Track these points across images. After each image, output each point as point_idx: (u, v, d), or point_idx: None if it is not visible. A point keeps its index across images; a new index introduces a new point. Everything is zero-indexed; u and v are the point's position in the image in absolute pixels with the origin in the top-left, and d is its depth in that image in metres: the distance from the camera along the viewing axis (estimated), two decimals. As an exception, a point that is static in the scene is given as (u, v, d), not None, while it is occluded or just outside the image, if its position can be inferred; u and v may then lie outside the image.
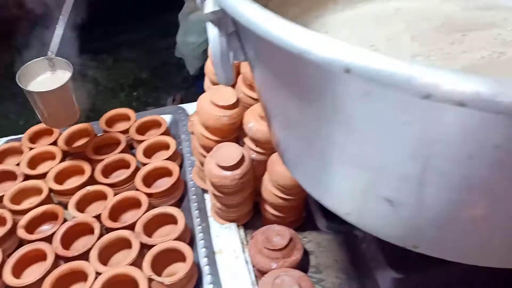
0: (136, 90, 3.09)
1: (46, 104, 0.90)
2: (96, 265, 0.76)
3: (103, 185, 0.92)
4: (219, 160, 0.78)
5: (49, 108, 0.91)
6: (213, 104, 0.79)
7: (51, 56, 0.93)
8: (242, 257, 0.83)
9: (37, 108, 0.91)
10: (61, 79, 0.92)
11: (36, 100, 0.89)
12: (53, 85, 0.90)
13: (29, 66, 0.92)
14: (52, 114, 0.92)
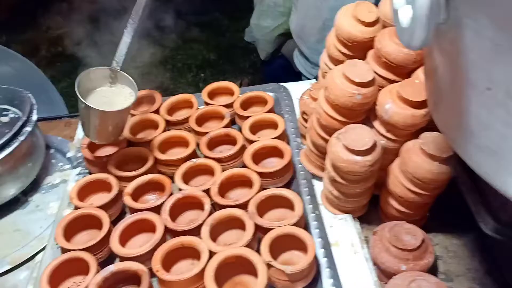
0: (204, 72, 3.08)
1: (102, 122, 0.83)
2: (209, 243, 0.71)
3: (209, 159, 0.87)
4: (350, 143, 0.69)
5: (103, 126, 0.84)
6: (347, 80, 0.71)
7: (116, 68, 0.86)
8: (361, 253, 0.75)
9: (87, 122, 0.83)
10: (120, 95, 0.85)
11: (91, 115, 0.81)
12: (113, 102, 0.83)
13: (89, 75, 0.84)
14: (102, 131, 0.85)
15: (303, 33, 1.28)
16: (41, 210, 0.90)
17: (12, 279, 0.81)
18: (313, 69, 1.28)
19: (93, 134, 0.85)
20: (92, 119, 0.82)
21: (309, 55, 1.27)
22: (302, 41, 1.29)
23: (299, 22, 1.29)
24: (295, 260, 0.73)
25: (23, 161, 0.87)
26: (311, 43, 1.24)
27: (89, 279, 0.68)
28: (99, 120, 0.82)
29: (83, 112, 0.82)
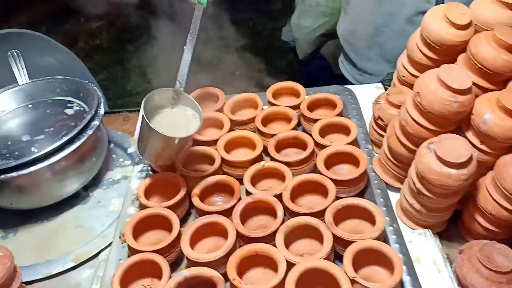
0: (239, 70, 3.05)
1: (166, 147, 0.80)
2: (285, 252, 0.68)
3: (278, 162, 0.83)
4: (444, 154, 0.65)
5: (165, 150, 0.81)
6: (443, 86, 0.66)
7: (179, 89, 0.82)
8: (446, 271, 0.70)
9: (148, 144, 0.79)
10: (183, 117, 0.81)
11: (154, 139, 0.78)
12: (177, 125, 0.79)
13: (153, 96, 0.80)
14: (162, 155, 0.82)
15: (352, 38, 1.22)
16: (103, 207, 0.89)
17: (76, 277, 0.80)
18: (360, 76, 1.22)
19: (150, 156, 0.82)
20: (155, 142, 0.79)
21: (357, 61, 1.22)
22: (351, 46, 1.23)
23: (349, 26, 1.23)
24: (375, 276, 0.69)
25: (89, 156, 0.86)
26: (361, 49, 1.19)
27: (163, 283, 0.66)
28: (163, 144, 0.79)
29: (146, 134, 0.78)
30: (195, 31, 0.84)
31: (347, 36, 1.25)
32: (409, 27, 1.03)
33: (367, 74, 1.20)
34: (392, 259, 0.65)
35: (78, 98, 0.94)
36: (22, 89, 0.95)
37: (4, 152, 0.85)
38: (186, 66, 0.83)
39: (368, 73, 1.19)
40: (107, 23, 3.22)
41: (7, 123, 0.93)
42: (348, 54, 1.25)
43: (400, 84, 0.86)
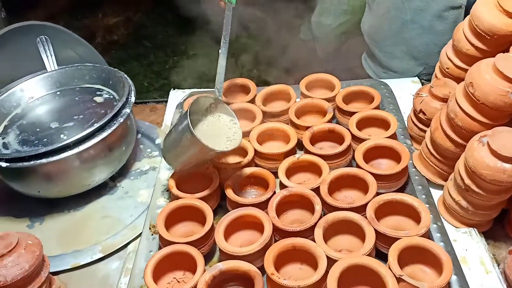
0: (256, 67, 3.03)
1: (204, 157, 0.76)
2: (325, 247, 0.65)
3: (314, 155, 0.80)
4: (499, 148, 0.61)
5: (201, 160, 0.77)
6: (499, 76, 0.62)
7: (218, 97, 0.79)
8: (494, 272, 0.66)
9: (180, 151, 0.75)
10: (222, 125, 0.78)
11: (194, 148, 0.73)
12: (218, 137, 0.76)
13: (194, 104, 0.75)
14: (195, 163, 0.78)
15: (378, 35, 1.18)
16: (131, 197, 0.87)
17: (104, 268, 0.77)
18: (384, 74, 1.18)
19: (179, 164, 0.78)
20: (194, 153, 0.74)
21: (382, 58, 1.18)
22: (375, 43, 1.19)
23: (374, 23, 1.19)
24: (420, 275, 0.65)
25: (119, 144, 0.84)
26: (386, 46, 1.15)
27: (197, 276, 0.63)
28: (202, 155, 0.76)
29: (185, 143, 0.74)
30: (228, 32, 0.81)
31: (372, 32, 1.21)
32: (438, 23, 1.00)
33: (391, 71, 1.16)
34: (440, 258, 0.61)
35: (107, 86, 0.92)
36: (51, 75, 0.94)
37: (33, 139, 0.83)
38: (222, 72, 0.81)
39: (393, 70, 1.15)
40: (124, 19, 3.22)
41: (35, 109, 0.91)
42: (372, 51, 1.22)
43: (443, 77, 0.82)
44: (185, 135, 0.73)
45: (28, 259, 0.65)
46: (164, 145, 0.79)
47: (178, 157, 0.78)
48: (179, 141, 0.75)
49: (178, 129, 0.75)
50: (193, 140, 0.72)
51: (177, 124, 0.76)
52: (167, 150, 0.79)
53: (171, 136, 0.78)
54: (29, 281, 0.65)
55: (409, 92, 0.99)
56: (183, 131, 0.73)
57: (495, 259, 0.70)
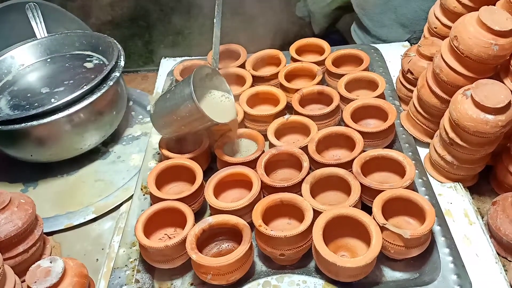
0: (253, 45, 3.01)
1: (199, 127, 0.75)
2: (312, 201, 0.66)
3: (303, 116, 0.81)
4: (482, 99, 0.62)
5: (194, 129, 0.76)
6: (483, 28, 0.62)
7: (215, 68, 0.78)
8: (477, 223, 0.68)
9: (179, 122, 0.73)
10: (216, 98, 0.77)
11: (194, 119, 0.72)
12: (213, 109, 0.73)
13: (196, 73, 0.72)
14: (187, 132, 0.76)
15: (366, 4, 1.18)
16: (123, 162, 0.88)
17: (97, 228, 0.79)
18: (374, 43, 1.19)
19: (169, 130, 0.77)
20: (189, 120, 0.72)
21: (371, 27, 1.18)
22: (364, 12, 1.19)
23: None
24: (404, 225, 0.67)
25: (109, 108, 0.84)
26: (375, 14, 1.15)
27: (187, 229, 0.65)
28: (197, 124, 0.73)
29: (183, 112, 0.71)
30: (220, 2, 0.80)
31: (360, 1, 1.20)
32: None
33: (381, 40, 1.16)
34: (423, 208, 0.62)
35: (97, 52, 0.92)
36: (41, 43, 0.94)
37: (24, 103, 0.84)
38: (217, 43, 0.79)
39: (382, 39, 1.16)
40: (119, -1, 3.19)
41: (26, 76, 0.91)
42: (361, 20, 1.21)
43: (431, 36, 0.82)
44: (185, 104, 0.71)
45: (21, 216, 0.67)
46: (156, 111, 0.77)
47: (171, 125, 0.76)
48: (176, 109, 0.73)
49: (176, 97, 0.73)
50: (194, 110, 0.70)
51: (174, 91, 0.74)
52: (159, 116, 0.77)
53: (166, 103, 0.75)
54: (22, 238, 0.67)
55: (399, 56, 0.99)
56: (183, 99, 0.71)
57: (479, 212, 0.72)
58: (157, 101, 0.78)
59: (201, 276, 0.62)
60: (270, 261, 0.68)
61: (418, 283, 0.61)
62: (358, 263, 0.57)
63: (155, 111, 0.78)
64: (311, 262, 0.66)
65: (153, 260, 0.66)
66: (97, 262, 0.73)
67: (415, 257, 0.63)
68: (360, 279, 0.60)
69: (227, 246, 0.69)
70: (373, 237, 0.60)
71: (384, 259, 0.65)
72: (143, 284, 0.66)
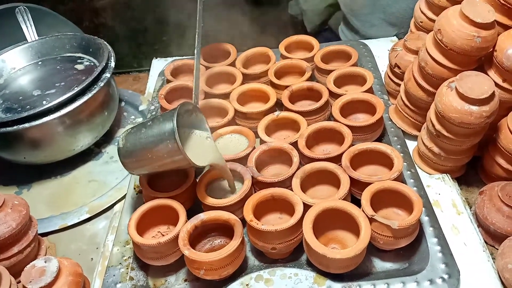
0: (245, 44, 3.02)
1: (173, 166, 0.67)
2: (302, 195, 0.67)
3: (292, 112, 0.82)
4: (466, 91, 0.63)
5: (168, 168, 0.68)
6: (466, 21, 0.64)
7: (196, 104, 0.71)
8: (465, 213, 0.69)
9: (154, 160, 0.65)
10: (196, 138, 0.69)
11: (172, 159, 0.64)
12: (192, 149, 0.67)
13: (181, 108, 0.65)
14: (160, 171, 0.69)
15: (355, 4, 1.19)
16: (116, 162, 0.88)
17: (91, 228, 0.80)
18: None
19: (141, 169, 0.69)
20: (166, 159, 0.65)
21: (359, 27, 1.19)
22: (353, 13, 1.20)
23: None
24: (392, 217, 0.68)
25: (101, 109, 0.85)
26: (363, 14, 1.16)
27: (180, 225, 0.65)
28: (173, 164, 0.66)
29: (160, 151, 0.64)
30: (200, 36, 0.75)
31: (348, 2, 1.22)
32: None
33: None
34: (411, 199, 0.63)
35: (88, 53, 0.93)
36: (31, 46, 0.94)
37: (16, 106, 0.85)
38: (198, 76, 0.73)
39: (371, 39, 1.17)
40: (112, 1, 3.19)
41: (17, 80, 0.92)
42: (350, 21, 1.23)
43: (417, 31, 0.83)
44: (164, 143, 0.63)
45: (15, 217, 0.67)
46: (126, 146, 0.67)
47: (143, 163, 0.68)
48: (153, 147, 0.65)
49: (153, 133, 0.64)
50: (174, 151, 0.63)
51: (151, 126, 0.65)
52: (129, 152, 0.67)
53: (140, 138, 0.66)
54: (17, 239, 0.68)
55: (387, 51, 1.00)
56: (162, 137, 0.63)
57: (467, 202, 0.73)
58: (127, 134, 0.69)
59: (194, 271, 0.63)
60: (262, 256, 0.69)
61: (407, 273, 0.62)
62: (348, 254, 0.58)
63: (125, 145, 0.68)
64: (303, 256, 0.67)
65: (147, 258, 0.66)
66: (92, 261, 0.74)
67: (404, 248, 0.64)
68: (350, 270, 0.61)
69: (220, 242, 0.70)
70: (362, 228, 0.61)
71: (374, 251, 0.66)
72: (137, 281, 0.67)
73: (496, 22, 0.67)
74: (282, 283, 0.62)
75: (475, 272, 0.62)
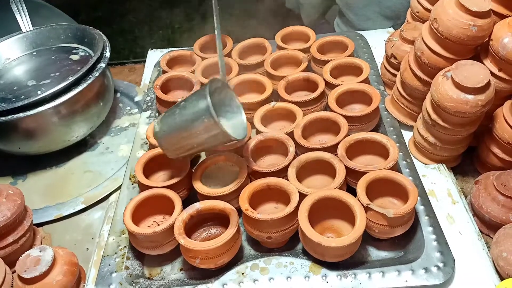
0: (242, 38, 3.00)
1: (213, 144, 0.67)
2: (298, 184, 0.67)
3: (289, 103, 0.81)
4: (462, 80, 0.63)
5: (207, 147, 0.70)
6: (462, 9, 0.63)
7: (227, 82, 0.71)
8: (460, 202, 0.69)
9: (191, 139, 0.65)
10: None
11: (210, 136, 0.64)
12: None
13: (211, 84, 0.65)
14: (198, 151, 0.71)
15: None
16: (112, 152, 0.88)
17: (87, 218, 0.79)
18: None
19: (179, 150, 0.68)
20: (204, 137, 0.64)
21: (355, 21, 1.19)
22: (348, 6, 1.20)
23: None
24: (388, 206, 0.68)
25: (96, 100, 0.84)
26: (359, 8, 1.15)
27: (175, 214, 0.65)
28: (213, 141, 0.66)
29: (197, 128, 0.63)
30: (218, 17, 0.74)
31: None
32: None
33: None
34: (406, 188, 0.63)
35: (83, 44, 0.92)
36: (26, 36, 0.94)
37: (10, 96, 0.84)
38: (222, 55, 0.72)
39: None
40: (107, -5, 3.17)
41: (12, 70, 0.91)
42: (345, 14, 1.22)
43: (413, 21, 0.83)
44: (200, 119, 0.63)
45: (9, 207, 0.67)
46: (162, 129, 0.68)
47: (180, 144, 0.67)
48: (188, 125, 0.65)
49: (187, 112, 0.65)
50: (211, 126, 0.62)
51: (184, 106, 0.65)
52: (167, 134, 0.67)
53: (175, 119, 0.66)
54: (12, 229, 0.67)
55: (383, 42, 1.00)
56: (197, 115, 0.63)
57: (463, 192, 0.73)
58: (162, 117, 0.69)
59: (190, 260, 0.63)
60: (258, 245, 0.69)
61: (402, 261, 0.62)
62: (343, 243, 0.58)
63: (161, 128, 0.68)
64: (299, 245, 0.67)
65: (142, 247, 0.66)
66: (87, 251, 0.74)
67: (400, 237, 0.65)
68: (346, 259, 0.61)
69: (216, 231, 0.70)
70: (357, 217, 0.61)
71: (369, 240, 0.66)
72: (133, 270, 0.67)
73: (492, 11, 0.67)
74: (277, 271, 0.62)
75: (470, 261, 0.62)
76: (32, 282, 0.60)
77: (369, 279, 0.60)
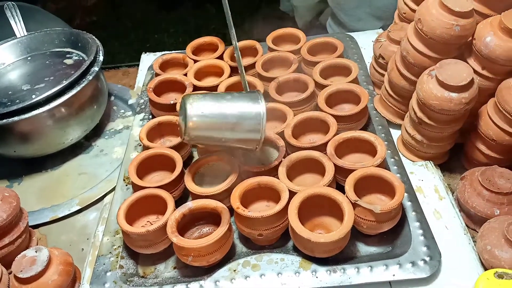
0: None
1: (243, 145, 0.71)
2: (288, 182, 0.68)
3: (279, 103, 0.83)
4: (446, 78, 0.65)
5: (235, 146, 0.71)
6: (445, 10, 0.65)
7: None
8: (447, 198, 0.71)
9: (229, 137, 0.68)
10: None
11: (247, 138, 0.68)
12: None
13: None
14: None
15: None
16: (106, 155, 0.89)
17: (82, 219, 0.81)
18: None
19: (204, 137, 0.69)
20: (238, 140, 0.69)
21: (346, 22, 1.21)
22: (340, 7, 1.21)
23: None
24: (377, 203, 0.69)
25: (90, 103, 0.86)
26: (350, 8, 1.17)
27: (168, 213, 0.67)
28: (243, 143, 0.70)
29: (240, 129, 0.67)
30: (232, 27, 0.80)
31: None
32: None
33: None
34: (393, 184, 0.65)
35: (76, 48, 0.93)
36: (21, 41, 0.95)
37: (5, 101, 0.85)
38: (243, 70, 0.78)
39: None
40: (102, 0, 3.18)
41: (7, 75, 0.93)
42: (337, 15, 1.24)
43: (401, 22, 0.85)
44: (248, 121, 0.66)
45: (5, 209, 0.68)
46: (200, 109, 0.66)
47: (215, 129, 0.68)
48: (236, 121, 0.67)
49: (237, 107, 0.67)
50: (255, 131, 0.67)
51: (231, 99, 0.68)
52: (204, 117, 0.66)
53: (218, 106, 0.67)
54: (7, 230, 0.69)
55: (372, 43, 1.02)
56: (248, 116, 0.66)
57: (450, 188, 0.75)
58: (198, 99, 0.68)
59: (183, 258, 0.64)
60: (250, 243, 0.70)
61: (390, 256, 0.63)
62: (331, 238, 0.60)
63: (199, 109, 0.67)
64: (289, 242, 0.69)
65: (136, 246, 0.68)
66: (82, 252, 0.75)
67: (387, 232, 0.66)
68: (335, 255, 0.63)
69: (208, 230, 0.71)
70: (346, 213, 0.62)
71: (358, 236, 0.68)
72: (127, 269, 0.68)
73: (475, 11, 0.69)
74: (268, 268, 0.64)
75: (456, 254, 0.64)
76: (28, 282, 0.61)
77: (357, 274, 0.61)
